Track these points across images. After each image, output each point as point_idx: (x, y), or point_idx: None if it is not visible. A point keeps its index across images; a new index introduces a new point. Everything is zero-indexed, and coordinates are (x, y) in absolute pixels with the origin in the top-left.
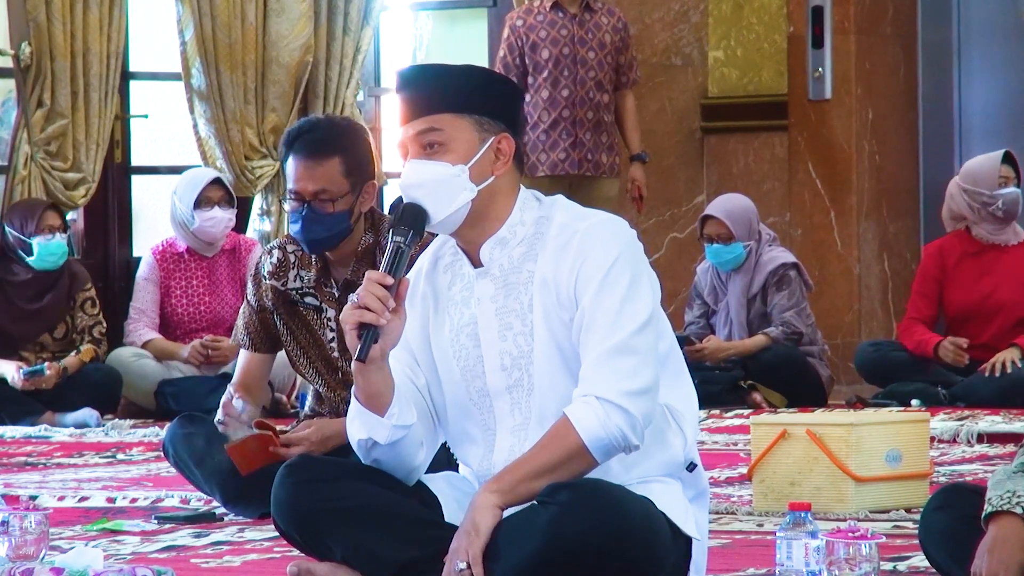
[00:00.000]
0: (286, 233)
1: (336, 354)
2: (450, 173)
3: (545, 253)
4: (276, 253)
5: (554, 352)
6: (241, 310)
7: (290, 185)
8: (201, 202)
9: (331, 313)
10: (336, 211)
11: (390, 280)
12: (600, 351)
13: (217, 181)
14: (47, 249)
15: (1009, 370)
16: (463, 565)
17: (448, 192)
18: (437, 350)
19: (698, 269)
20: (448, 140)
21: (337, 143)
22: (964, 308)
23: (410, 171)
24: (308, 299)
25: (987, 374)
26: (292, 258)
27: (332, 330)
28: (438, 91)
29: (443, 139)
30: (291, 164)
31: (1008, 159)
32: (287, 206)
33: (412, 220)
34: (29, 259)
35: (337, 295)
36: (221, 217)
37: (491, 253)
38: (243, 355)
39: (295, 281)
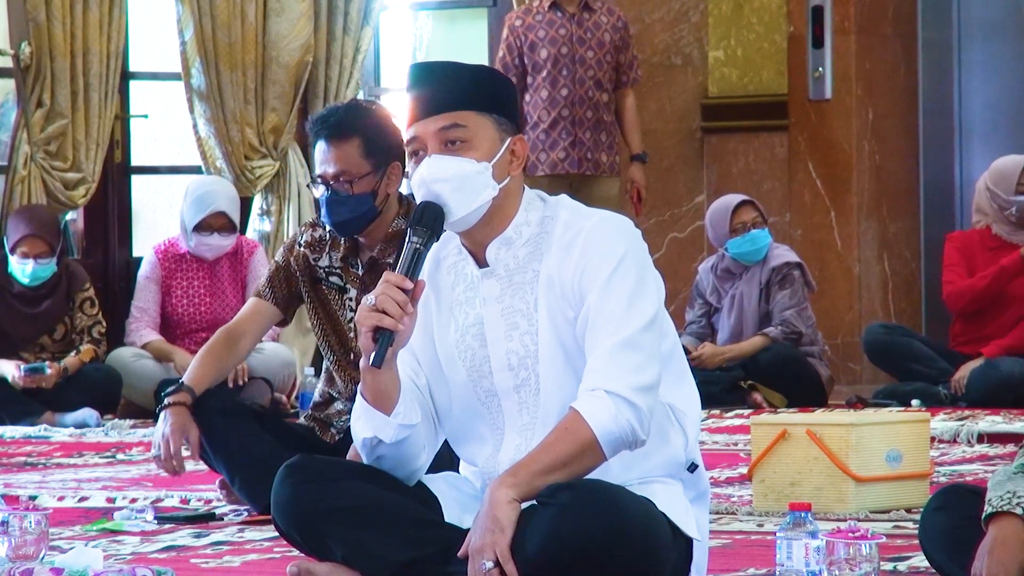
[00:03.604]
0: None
1: (352, 335)
2: (475, 169)
3: (550, 252)
4: (319, 230)
5: (559, 351)
6: (268, 270)
7: (316, 170)
8: (201, 227)
9: (353, 293)
10: (357, 192)
11: (409, 284)
12: (608, 346)
13: (222, 211)
14: (22, 270)
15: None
16: (490, 564)
17: (472, 188)
18: (442, 351)
19: (699, 268)
20: (472, 137)
21: (356, 124)
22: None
23: (433, 165)
24: (333, 279)
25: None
26: (328, 237)
27: (352, 310)
28: (463, 87)
29: (467, 136)
30: (316, 149)
31: None
32: (315, 192)
33: (432, 221)
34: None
35: (361, 274)
36: (218, 244)
37: (497, 253)
38: (253, 301)
39: (325, 260)
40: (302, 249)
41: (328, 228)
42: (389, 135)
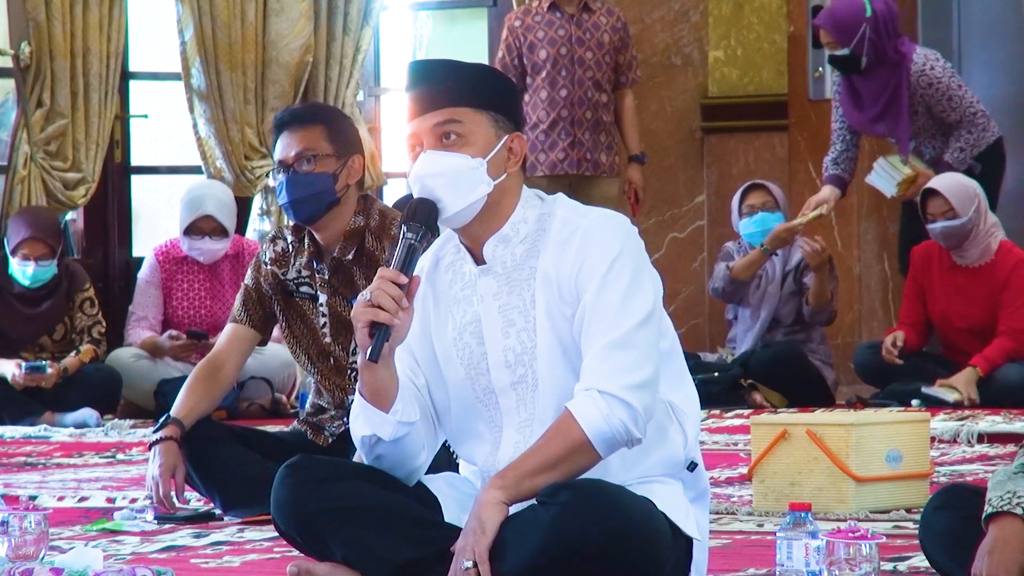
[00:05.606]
0: (286, 223)
1: (328, 339)
2: (469, 165)
3: (547, 249)
4: (280, 243)
5: (556, 347)
6: (239, 293)
7: (276, 158)
8: (192, 230)
9: (323, 298)
10: (318, 171)
11: (404, 279)
12: (602, 345)
13: (210, 215)
14: (23, 272)
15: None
16: (469, 563)
17: (466, 184)
18: (440, 349)
19: (727, 244)
20: (467, 133)
21: (319, 115)
22: (941, 325)
23: (427, 161)
24: (304, 288)
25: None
26: (291, 248)
27: (324, 315)
28: (459, 85)
29: (463, 131)
30: (278, 144)
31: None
32: (271, 181)
33: (425, 217)
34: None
35: (328, 277)
36: (210, 248)
37: (494, 250)
38: (231, 327)
39: (293, 272)
40: (269, 267)
41: (291, 240)
42: (350, 128)
